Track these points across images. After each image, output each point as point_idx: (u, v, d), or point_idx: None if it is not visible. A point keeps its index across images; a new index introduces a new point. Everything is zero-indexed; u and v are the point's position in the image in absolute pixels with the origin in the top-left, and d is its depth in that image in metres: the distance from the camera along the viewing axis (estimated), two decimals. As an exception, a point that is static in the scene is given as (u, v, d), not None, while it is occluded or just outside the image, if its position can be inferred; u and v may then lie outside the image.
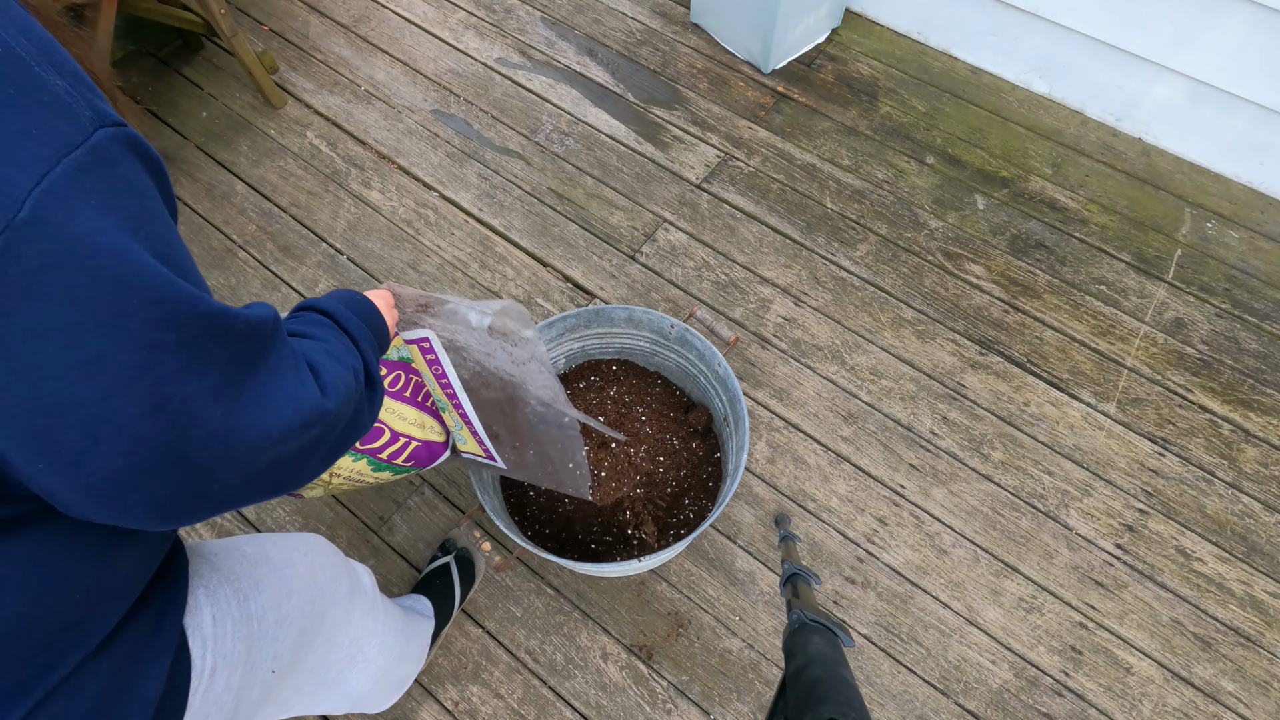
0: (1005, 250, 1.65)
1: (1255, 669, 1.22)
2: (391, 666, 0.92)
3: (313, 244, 1.64)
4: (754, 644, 1.23)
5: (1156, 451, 1.41)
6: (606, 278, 1.60)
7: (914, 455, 1.40)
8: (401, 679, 1.02)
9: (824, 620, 0.67)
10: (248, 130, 1.81)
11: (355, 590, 0.77)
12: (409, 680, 1.06)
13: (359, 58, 1.94)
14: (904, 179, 1.75)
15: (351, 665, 0.80)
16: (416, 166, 1.76)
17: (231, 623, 0.53)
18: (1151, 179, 1.76)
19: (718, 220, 1.68)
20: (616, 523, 1.21)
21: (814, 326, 1.54)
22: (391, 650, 0.90)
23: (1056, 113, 1.87)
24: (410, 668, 1.03)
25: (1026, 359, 1.51)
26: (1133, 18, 1.62)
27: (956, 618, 1.25)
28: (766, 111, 1.86)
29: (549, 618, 1.25)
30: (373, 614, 0.83)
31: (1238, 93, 1.60)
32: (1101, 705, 1.19)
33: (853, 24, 2.03)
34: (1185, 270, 1.62)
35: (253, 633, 0.55)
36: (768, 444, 1.41)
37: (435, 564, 1.22)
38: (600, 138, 1.81)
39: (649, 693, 1.19)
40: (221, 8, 1.60)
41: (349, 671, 0.81)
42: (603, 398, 1.30)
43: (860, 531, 1.32)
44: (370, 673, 0.85)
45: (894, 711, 1.18)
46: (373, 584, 0.87)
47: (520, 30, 2.01)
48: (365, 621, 0.81)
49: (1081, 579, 1.29)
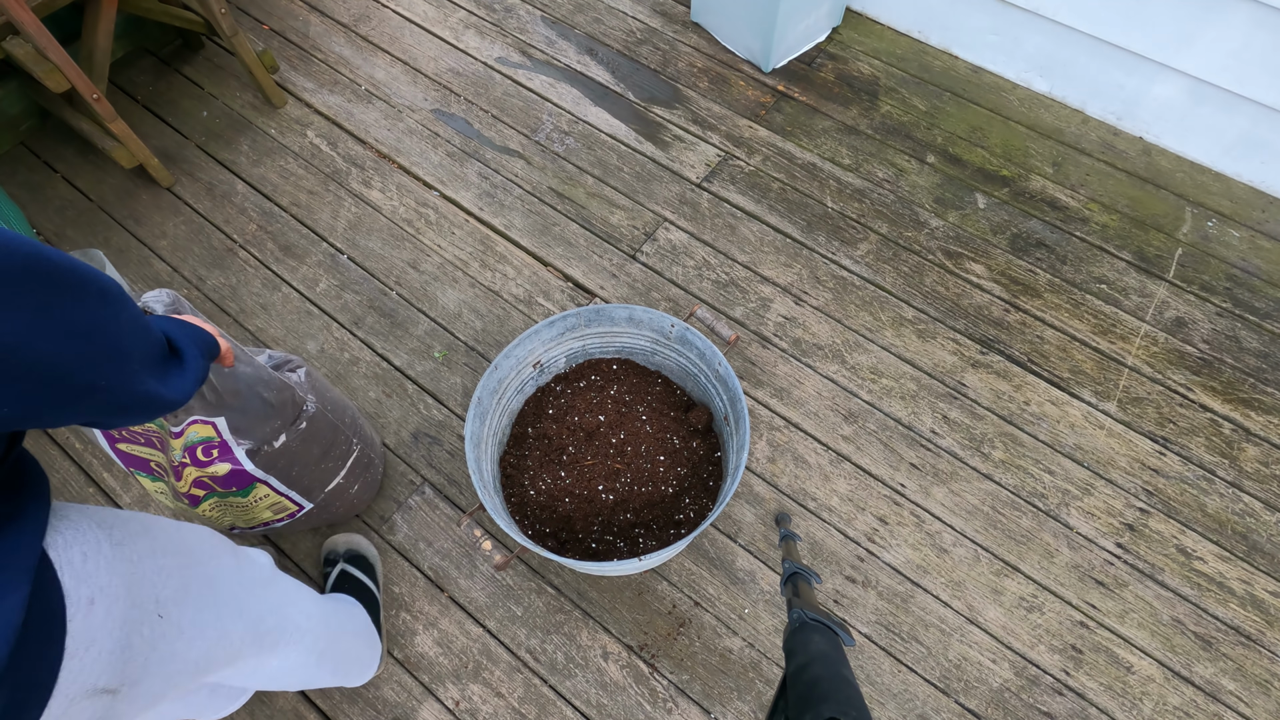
0: (1006, 249, 1.65)
1: (1256, 668, 1.22)
2: (332, 638, 0.97)
3: (313, 243, 1.64)
4: (754, 643, 1.23)
5: (1157, 450, 1.41)
6: (607, 277, 1.60)
7: (914, 454, 1.40)
8: (355, 654, 1.06)
9: (825, 619, 0.67)
10: (248, 130, 1.81)
11: (244, 564, 0.80)
12: (367, 655, 1.11)
13: (359, 57, 1.94)
14: (905, 178, 1.75)
15: (284, 635, 0.84)
16: (417, 166, 1.76)
17: (105, 561, 0.55)
18: (1152, 178, 1.76)
19: (718, 219, 1.68)
20: (617, 522, 1.21)
21: (814, 326, 1.54)
22: (323, 620, 0.94)
23: (1057, 111, 1.86)
24: (357, 643, 1.08)
25: (1027, 358, 1.51)
26: (1134, 16, 1.62)
27: (957, 617, 1.25)
28: (767, 110, 1.86)
29: (550, 617, 1.25)
30: (279, 587, 0.87)
31: (1239, 91, 1.60)
32: (1102, 704, 1.19)
33: (853, 23, 2.03)
34: (1186, 269, 1.62)
35: (130, 573, 0.57)
36: (768, 443, 1.41)
37: (331, 577, 1.22)
38: (601, 137, 1.81)
39: (650, 692, 1.19)
40: (222, 7, 1.60)
41: (285, 640, 0.84)
42: (603, 397, 1.31)
43: (861, 530, 1.32)
44: (309, 643, 0.90)
45: (894, 710, 1.18)
46: (270, 562, 0.91)
47: (520, 29, 2.01)
48: (277, 594, 0.85)
49: (1082, 578, 1.29)
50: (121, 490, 1.35)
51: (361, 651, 1.09)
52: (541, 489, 1.23)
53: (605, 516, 1.21)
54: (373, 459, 1.26)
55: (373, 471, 1.27)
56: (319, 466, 1.11)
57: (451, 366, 1.49)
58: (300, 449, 1.05)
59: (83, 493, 1.35)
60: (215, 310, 1.55)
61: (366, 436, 1.24)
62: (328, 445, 1.11)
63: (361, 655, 1.09)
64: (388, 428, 1.42)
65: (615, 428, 1.27)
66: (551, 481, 1.23)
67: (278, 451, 1.02)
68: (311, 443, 1.07)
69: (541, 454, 1.26)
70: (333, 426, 1.12)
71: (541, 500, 1.22)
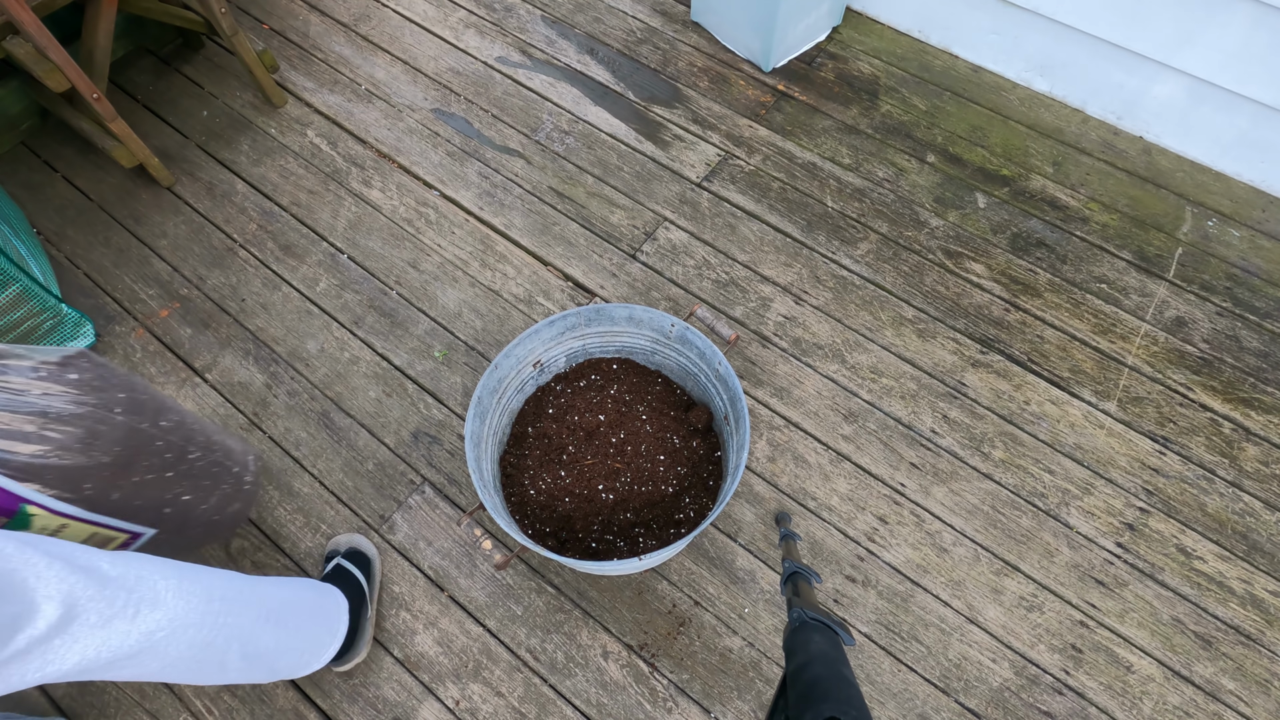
0: (1006, 249, 1.65)
1: (1256, 667, 1.22)
2: (215, 622, 0.89)
3: (313, 243, 1.64)
4: (755, 642, 1.23)
5: (1157, 450, 1.41)
6: (607, 276, 1.60)
7: (914, 454, 1.40)
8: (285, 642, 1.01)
9: (825, 619, 0.67)
10: (248, 129, 1.81)
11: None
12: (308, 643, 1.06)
13: (359, 56, 1.94)
14: (905, 177, 1.75)
15: (140, 605, 0.80)
16: (417, 165, 1.76)
17: None
18: (1152, 177, 1.76)
19: (718, 219, 1.68)
20: (617, 521, 1.21)
21: (814, 325, 1.54)
22: (199, 599, 0.87)
23: (1057, 111, 1.86)
24: (291, 632, 1.02)
25: (1027, 357, 1.51)
26: (1134, 16, 1.62)
27: (957, 616, 1.25)
28: (767, 110, 1.86)
29: (550, 616, 1.25)
30: (135, 561, 0.83)
31: (1239, 91, 1.60)
32: (1102, 704, 1.19)
33: (853, 22, 2.03)
34: (1186, 269, 1.62)
35: None
36: (768, 442, 1.41)
37: (325, 572, 1.22)
38: (601, 136, 1.81)
39: (650, 691, 1.20)
40: (222, 7, 1.60)
41: (143, 609, 0.80)
42: (603, 396, 1.31)
43: (861, 530, 1.32)
44: (172, 616, 0.83)
45: (894, 710, 1.18)
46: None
47: (520, 29, 2.01)
48: (137, 567, 0.81)
49: (1082, 577, 1.29)
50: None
51: (295, 641, 1.02)
52: (541, 488, 1.23)
53: (605, 516, 1.21)
54: (226, 469, 1.12)
55: (231, 484, 1.13)
56: (127, 481, 0.96)
57: (451, 366, 1.49)
58: (84, 460, 0.90)
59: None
60: (215, 310, 1.55)
61: (213, 444, 1.10)
62: (130, 457, 0.95)
63: (295, 644, 1.02)
64: (388, 427, 1.42)
65: (615, 427, 1.27)
66: (551, 481, 1.23)
67: (45, 466, 0.86)
68: (98, 452, 0.91)
69: (541, 453, 1.26)
70: (138, 434, 0.96)
71: (541, 499, 1.22)
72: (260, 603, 0.98)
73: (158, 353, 1.50)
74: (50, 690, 1.20)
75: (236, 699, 1.18)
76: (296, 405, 1.44)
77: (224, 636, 0.91)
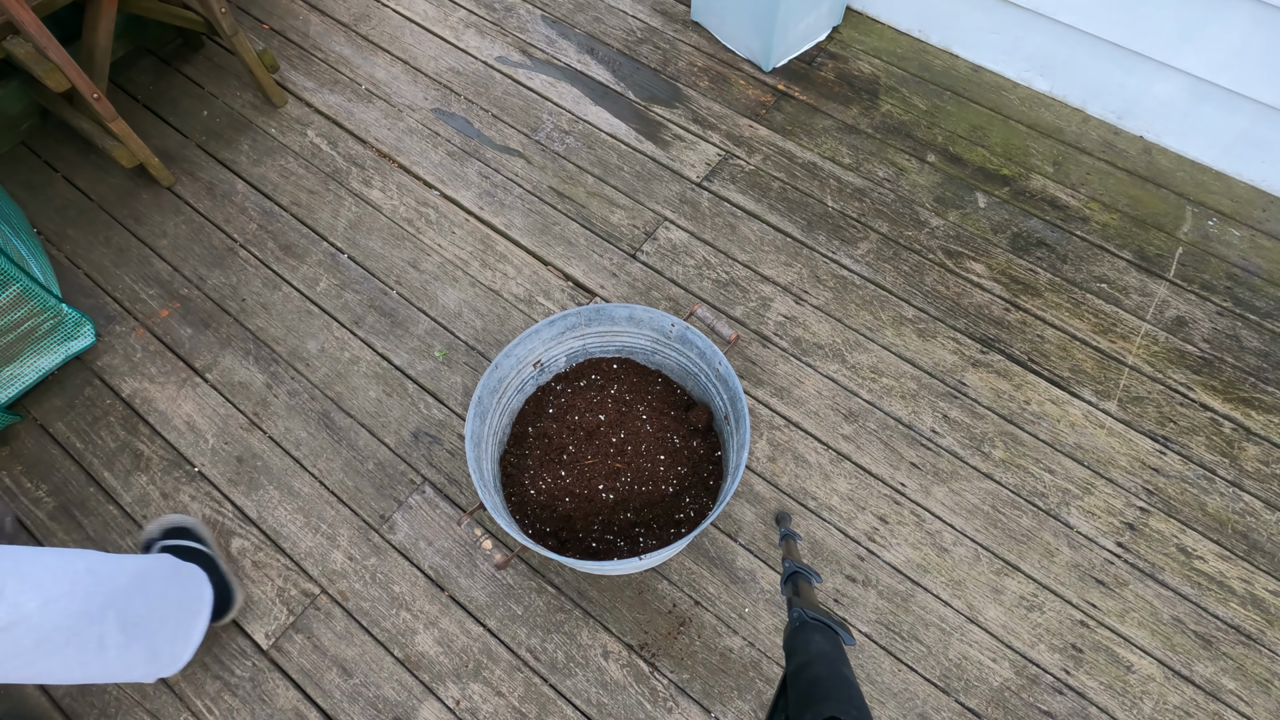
0: (1006, 248, 1.65)
1: (1256, 667, 1.22)
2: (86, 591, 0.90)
3: (313, 243, 1.64)
4: (755, 642, 1.23)
5: (1157, 450, 1.41)
6: (607, 276, 1.60)
7: (915, 453, 1.40)
8: (145, 611, 0.99)
9: (825, 618, 0.67)
10: (248, 129, 1.81)
11: None
12: (168, 615, 1.04)
13: (359, 56, 1.94)
14: (905, 177, 1.75)
15: (5, 579, 0.81)
16: (417, 165, 1.76)
17: None
18: (1153, 177, 1.76)
19: (718, 218, 1.68)
20: (617, 521, 1.21)
21: (815, 325, 1.54)
22: (66, 571, 0.88)
23: (1058, 111, 1.86)
24: (148, 598, 1.01)
25: (1027, 357, 1.51)
26: (1134, 15, 1.62)
27: (957, 616, 1.25)
28: (767, 110, 1.86)
29: (550, 616, 1.25)
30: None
31: (1239, 90, 1.60)
32: (1102, 703, 1.19)
33: (854, 22, 2.02)
34: (1186, 268, 1.62)
35: None
36: (768, 442, 1.41)
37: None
38: (601, 136, 1.81)
39: (650, 691, 1.20)
40: (222, 6, 1.60)
41: (9, 582, 0.81)
42: (603, 396, 1.31)
43: (861, 530, 1.32)
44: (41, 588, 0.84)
45: (895, 709, 1.18)
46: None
47: (521, 29, 2.01)
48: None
49: (1082, 577, 1.29)
50: (123, 489, 1.35)
51: (167, 606, 1.01)
52: (542, 488, 1.23)
53: (605, 516, 1.21)
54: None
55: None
56: None
57: (452, 366, 1.49)
58: None
59: (83, 492, 1.35)
60: (216, 310, 1.55)
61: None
62: None
63: (169, 611, 1.00)
64: (388, 427, 1.42)
65: (615, 427, 1.27)
66: (552, 480, 1.23)
67: None
68: None
69: (542, 453, 1.26)
70: None
71: (542, 499, 1.22)
72: (122, 570, 0.98)
73: (158, 352, 1.50)
74: (50, 690, 1.20)
75: (237, 699, 1.18)
76: (297, 405, 1.44)
77: (97, 605, 0.90)
